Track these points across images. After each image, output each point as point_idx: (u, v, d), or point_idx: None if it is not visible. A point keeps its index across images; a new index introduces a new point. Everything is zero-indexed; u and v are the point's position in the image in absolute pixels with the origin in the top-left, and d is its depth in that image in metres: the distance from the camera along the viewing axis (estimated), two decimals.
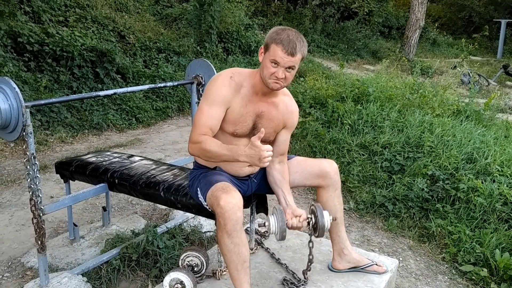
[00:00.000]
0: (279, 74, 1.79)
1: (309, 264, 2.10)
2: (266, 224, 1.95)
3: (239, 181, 2.04)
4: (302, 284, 2.12)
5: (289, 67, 1.79)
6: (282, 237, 1.88)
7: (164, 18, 9.65)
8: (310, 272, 2.16)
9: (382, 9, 15.15)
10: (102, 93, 2.40)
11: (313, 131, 4.69)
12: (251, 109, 1.90)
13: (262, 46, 1.84)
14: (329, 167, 2.08)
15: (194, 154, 1.90)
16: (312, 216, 1.95)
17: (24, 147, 1.98)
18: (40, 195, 2.06)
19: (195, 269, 2.17)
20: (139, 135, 5.54)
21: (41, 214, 2.08)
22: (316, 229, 1.93)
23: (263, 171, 2.11)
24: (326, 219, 1.91)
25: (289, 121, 2.03)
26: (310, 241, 2.03)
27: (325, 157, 4.19)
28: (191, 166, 2.14)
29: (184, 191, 2.15)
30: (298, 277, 2.18)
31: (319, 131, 4.64)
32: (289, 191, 2.01)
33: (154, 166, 2.50)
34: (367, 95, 5.22)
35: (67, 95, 5.53)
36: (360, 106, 4.94)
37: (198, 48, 8.46)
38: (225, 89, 1.84)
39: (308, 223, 1.94)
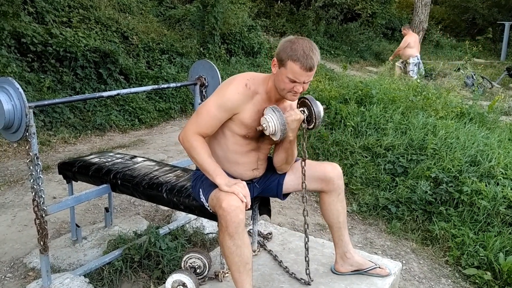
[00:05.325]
0: (298, 89, 1.79)
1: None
2: (264, 124, 1.83)
3: None
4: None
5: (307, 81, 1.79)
6: (283, 134, 1.84)
7: (168, 19, 9.66)
8: (312, 274, 2.16)
9: (385, 11, 15.12)
10: (105, 93, 2.40)
11: (316, 133, 4.67)
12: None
13: (275, 59, 1.81)
14: (332, 172, 2.06)
15: (182, 145, 1.91)
16: (305, 108, 1.90)
17: (27, 147, 1.98)
18: (43, 196, 2.06)
19: (198, 270, 2.17)
20: (142, 136, 5.54)
21: (43, 215, 2.08)
22: (310, 121, 1.90)
23: (266, 176, 2.10)
24: (320, 108, 1.88)
25: None
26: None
27: (328, 159, 4.18)
28: (194, 167, 2.13)
29: (187, 192, 2.14)
30: (300, 278, 2.17)
31: (322, 133, 4.63)
32: None
33: (156, 167, 2.49)
34: (370, 97, 5.20)
35: (70, 95, 5.54)
36: (363, 108, 4.92)
37: (201, 49, 8.47)
38: (237, 96, 1.84)
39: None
